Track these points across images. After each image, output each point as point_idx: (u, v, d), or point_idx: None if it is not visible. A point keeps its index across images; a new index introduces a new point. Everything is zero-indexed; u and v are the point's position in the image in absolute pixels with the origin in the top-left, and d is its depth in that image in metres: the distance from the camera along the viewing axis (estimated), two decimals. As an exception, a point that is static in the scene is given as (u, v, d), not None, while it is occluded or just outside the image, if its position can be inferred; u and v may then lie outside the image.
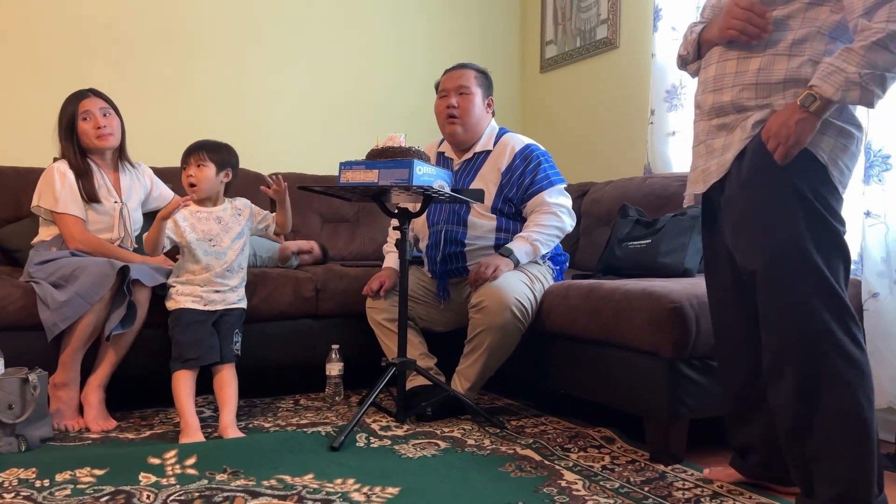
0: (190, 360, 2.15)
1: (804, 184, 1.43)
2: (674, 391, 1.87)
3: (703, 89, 1.61)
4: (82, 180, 2.37)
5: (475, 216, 2.45)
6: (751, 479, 1.70)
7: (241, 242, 2.35)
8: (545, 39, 4.04)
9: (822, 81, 1.37)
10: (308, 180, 3.33)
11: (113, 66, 3.29)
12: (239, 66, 3.56)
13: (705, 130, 1.61)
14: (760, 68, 1.49)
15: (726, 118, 1.55)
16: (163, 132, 3.32)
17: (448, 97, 2.49)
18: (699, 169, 1.62)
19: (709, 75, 1.59)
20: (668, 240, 2.42)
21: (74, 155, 2.40)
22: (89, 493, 1.62)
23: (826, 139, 1.44)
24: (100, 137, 2.41)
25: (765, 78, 1.49)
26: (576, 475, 1.78)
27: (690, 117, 2.80)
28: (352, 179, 2.10)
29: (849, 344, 1.38)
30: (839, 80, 1.35)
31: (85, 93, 2.44)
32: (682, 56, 1.73)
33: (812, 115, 1.39)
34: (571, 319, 2.17)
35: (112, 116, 2.45)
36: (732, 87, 1.53)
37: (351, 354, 2.60)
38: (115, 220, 2.45)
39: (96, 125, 2.40)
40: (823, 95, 1.37)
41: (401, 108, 3.83)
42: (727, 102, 1.54)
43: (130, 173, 2.57)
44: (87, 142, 2.42)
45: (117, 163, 2.53)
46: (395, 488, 1.67)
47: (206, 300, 2.25)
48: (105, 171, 2.48)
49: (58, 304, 2.12)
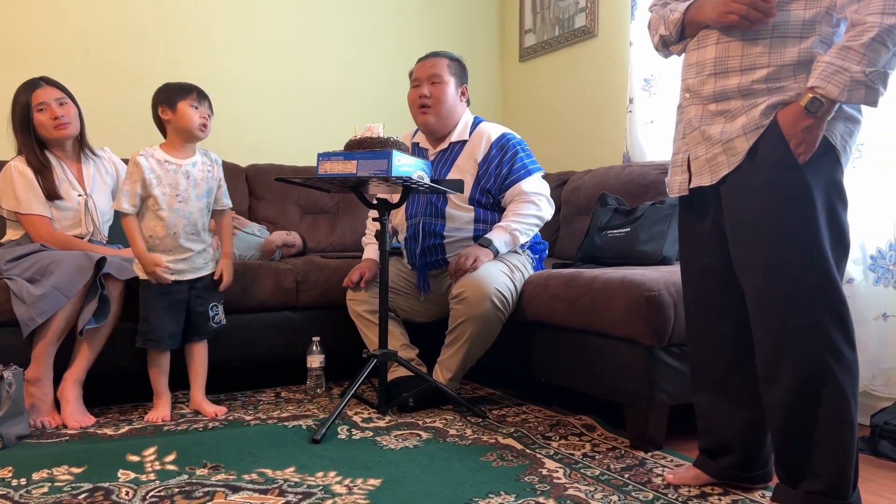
0: (151, 340, 2.20)
1: (824, 175, 1.38)
2: (653, 378, 1.88)
3: (699, 72, 1.51)
4: (41, 177, 2.31)
5: (453, 208, 2.44)
6: (721, 480, 1.64)
7: (207, 202, 2.28)
8: (524, 28, 4.03)
9: (826, 83, 1.31)
10: (286, 171, 3.31)
11: (82, 54, 3.23)
12: (215, 56, 3.50)
13: (699, 116, 1.52)
14: (770, 51, 1.42)
15: (729, 104, 1.47)
16: (135, 123, 3.27)
17: (420, 86, 2.47)
18: (702, 158, 1.52)
19: (706, 57, 1.50)
20: (646, 228, 2.43)
21: (32, 149, 2.32)
22: (67, 491, 1.60)
23: (839, 125, 1.39)
24: (58, 128, 2.34)
25: (777, 60, 1.41)
26: (557, 463, 1.79)
27: (670, 106, 2.86)
28: (330, 170, 2.08)
29: (844, 346, 1.37)
30: (844, 81, 1.29)
31: (37, 82, 2.36)
32: (664, 36, 1.62)
33: (819, 119, 1.34)
34: (551, 308, 2.18)
35: (69, 105, 2.38)
36: (741, 70, 1.44)
37: (332, 346, 2.60)
38: (81, 215, 2.39)
39: (53, 115, 2.33)
40: (829, 97, 1.31)
41: (379, 98, 3.81)
42: (733, 87, 1.46)
43: (94, 162, 2.50)
44: (45, 133, 2.35)
45: (79, 153, 2.46)
46: (376, 480, 1.67)
47: (173, 270, 2.20)
48: (66, 163, 2.41)
49: (34, 298, 2.09)
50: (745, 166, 1.45)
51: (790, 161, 1.38)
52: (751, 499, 1.58)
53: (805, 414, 1.39)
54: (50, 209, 2.32)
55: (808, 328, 1.37)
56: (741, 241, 1.48)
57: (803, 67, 1.40)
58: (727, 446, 1.62)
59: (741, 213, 1.47)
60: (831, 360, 1.36)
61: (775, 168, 1.40)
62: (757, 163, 1.43)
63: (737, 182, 1.47)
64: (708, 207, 1.58)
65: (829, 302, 1.37)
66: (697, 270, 1.63)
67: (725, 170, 1.48)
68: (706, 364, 1.64)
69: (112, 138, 2.64)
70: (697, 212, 1.61)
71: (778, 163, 1.39)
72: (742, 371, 1.58)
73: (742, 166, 1.45)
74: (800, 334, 1.38)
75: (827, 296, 1.37)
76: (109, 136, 2.91)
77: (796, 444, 1.41)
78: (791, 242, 1.39)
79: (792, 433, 1.42)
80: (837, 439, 1.37)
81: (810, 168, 1.38)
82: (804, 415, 1.39)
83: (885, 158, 2.14)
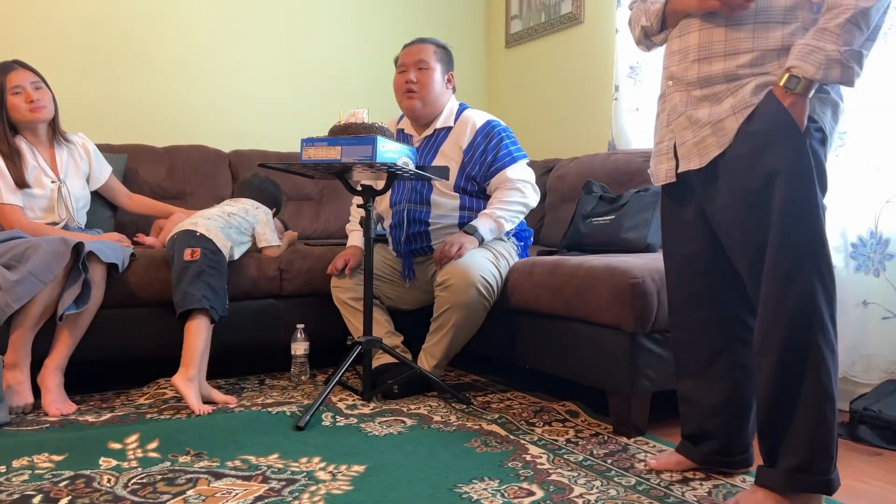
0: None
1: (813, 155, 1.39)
2: (636, 364, 1.90)
3: (683, 58, 1.53)
4: (10, 165, 2.27)
5: (438, 195, 2.44)
6: (703, 465, 1.66)
7: None
8: (510, 14, 4.01)
9: (802, 62, 1.34)
10: (270, 157, 3.28)
11: (62, 38, 3.17)
12: (199, 42, 3.46)
13: (684, 101, 1.53)
14: (754, 36, 1.44)
15: (714, 88, 1.48)
16: (119, 109, 3.23)
17: (407, 72, 2.46)
18: (689, 143, 1.52)
19: (689, 44, 1.52)
20: (631, 215, 2.44)
21: (3, 135, 2.29)
22: (48, 479, 1.58)
23: (826, 109, 1.42)
24: (33, 111, 2.31)
25: (761, 45, 1.43)
26: (540, 449, 1.80)
27: (655, 94, 2.85)
28: (314, 156, 2.06)
29: (829, 321, 1.39)
30: (819, 59, 1.33)
31: (11, 65, 2.33)
32: (646, 27, 1.64)
33: (799, 96, 1.36)
34: (536, 296, 2.18)
35: (44, 90, 2.36)
36: (725, 56, 1.46)
37: (316, 334, 2.59)
38: (54, 202, 2.36)
39: (28, 99, 2.30)
40: (805, 76, 1.34)
41: (364, 83, 3.78)
42: (718, 73, 1.47)
43: (67, 148, 2.46)
44: (18, 116, 2.31)
45: (52, 138, 2.43)
46: (360, 466, 1.67)
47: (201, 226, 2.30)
48: (38, 149, 2.38)
49: (10, 283, 2.05)
50: (736, 144, 1.45)
51: (781, 136, 1.39)
52: (732, 483, 1.60)
53: (789, 384, 1.41)
54: (21, 198, 2.29)
55: (802, 300, 1.38)
56: (735, 220, 1.47)
57: (787, 53, 1.41)
58: (709, 432, 1.63)
59: (734, 192, 1.46)
60: (819, 333, 1.38)
61: (769, 143, 1.40)
62: (748, 140, 1.43)
63: (729, 162, 1.46)
64: (693, 194, 1.58)
65: (822, 277, 1.38)
66: (681, 258, 1.64)
67: (716, 150, 1.48)
68: (689, 350, 1.65)
69: (85, 124, 2.60)
70: (681, 199, 1.61)
71: (767, 140, 1.40)
72: (725, 357, 1.60)
73: (733, 145, 1.45)
74: (793, 306, 1.38)
75: (820, 270, 1.38)
76: (81, 121, 2.87)
77: (780, 417, 1.42)
78: (788, 217, 1.38)
79: (776, 404, 1.42)
80: (817, 410, 1.38)
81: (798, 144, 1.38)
82: (789, 385, 1.41)
83: (867, 146, 2.16)
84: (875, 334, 2.14)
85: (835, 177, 2.17)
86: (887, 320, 2.11)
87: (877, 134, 2.14)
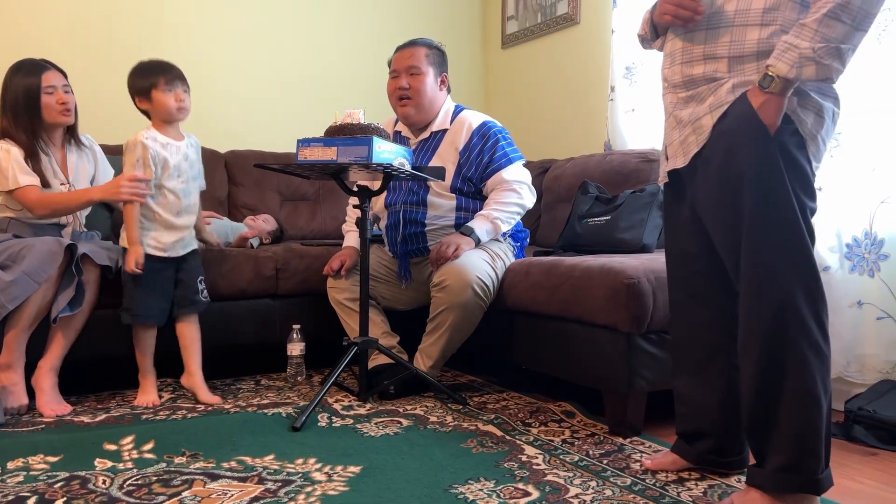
0: (138, 315, 2.19)
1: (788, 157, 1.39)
2: (631, 364, 1.90)
3: (671, 62, 1.57)
4: (31, 163, 2.25)
5: (434, 196, 2.44)
6: (698, 465, 1.66)
7: (200, 182, 2.34)
8: (506, 15, 4.02)
9: (777, 60, 1.35)
10: (266, 158, 3.28)
11: (59, 38, 3.16)
12: (194, 42, 3.45)
13: (673, 102, 1.57)
14: (732, 40, 1.45)
15: (697, 89, 1.51)
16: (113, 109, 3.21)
17: (399, 78, 2.45)
18: (676, 142, 1.55)
19: (676, 47, 1.55)
20: (626, 216, 2.44)
21: (26, 131, 2.25)
22: (43, 480, 1.58)
23: (808, 113, 1.41)
24: (63, 113, 2.31)
25: (737, 51, 1.44)
26: (536, 449, 1.80)
27: (650, 94, 2.87)
28: (310, 157, 2.06)
29: (814, 328, 1.38)
30: (793, 57, 1.32)
31: (45, 65, 2.31)
32: (641, 36, 1.71)
33: (773, 96, 1.35)
34: (532, 296, 2.18)
35: (71, 94, 2.35)
36: (704, 60, 1.49)
37: (312, 334, 2.59)
38: None
39: (60, 101, 2.29)
40: (779, 74, 1.34)
41: (360, 83, 3.78)
42: (698, 75, 1.49)
43: (78, 153, 2.46)
44: (50, 118, 2.29)
45: (65, 141, 2.42)
46: (356, 467, 1.67)
47: (167, 246, 2.22)
48: (52, 150, 2.37)
49: (4, 284, 2.05)
50: (711, 142, 1.47)
51: (749, 137, 1.39)
52: (727, 483, 1.60)
53: (770, 387, 1.41)
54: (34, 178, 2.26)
55: (779, 302, 1.38)
56: (714, 219, 1.49)
57: (764, 56, 1.42)
58: (704, 431, 1.64)
59: (710, 191, 1.48)
60: (800, 334, 1.37)
61: (738, 145, 1.41)
62: (720, 139, 1.44)
63: (706, 160, 1.48)
64: (685, 192, 1.59)
65: (801, 277, 1.38)
66: (679, 257, 1.65)
67: (695, 148, 1.50)
68: (686, 348, 1.66)
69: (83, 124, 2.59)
70: (677, 198, 1.63)
71: (737, 140, 1.41)
72: (721, 357, 1.60)
73: (709, 143, 1.47)
74: (771, 308, 1.38)
75: (799, 269, 1.38)
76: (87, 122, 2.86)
77: (764, 418, 1.43)
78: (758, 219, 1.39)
79: (759, 406, 1.43)
80: (801, 412, 1.38)
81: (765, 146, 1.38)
82: (770, 387, 1.41)
83: (861, 147, 2.17)
84: (869, 334, 2.14)
85: (829, 177, 2.20)
86: (882, 320, 2.12)
87: (871, 135, 2.15)
